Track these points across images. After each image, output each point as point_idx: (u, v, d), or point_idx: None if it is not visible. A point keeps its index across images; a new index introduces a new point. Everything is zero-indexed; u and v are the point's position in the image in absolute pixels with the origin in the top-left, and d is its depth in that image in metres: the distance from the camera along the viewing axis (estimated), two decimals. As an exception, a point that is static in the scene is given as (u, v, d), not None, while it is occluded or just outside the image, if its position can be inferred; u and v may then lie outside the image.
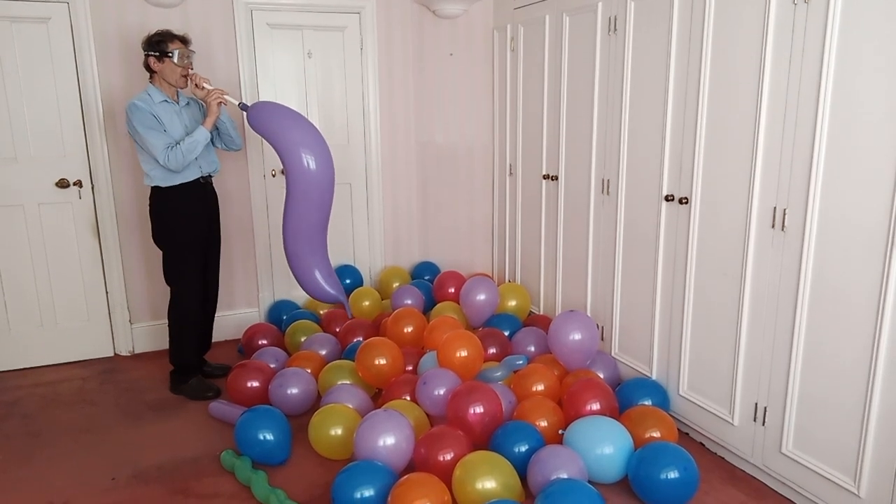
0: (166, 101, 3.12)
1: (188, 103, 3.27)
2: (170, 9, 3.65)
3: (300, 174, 3.12)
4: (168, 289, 3.30)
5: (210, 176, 3.31)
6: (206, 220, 3.33)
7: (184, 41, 3.13)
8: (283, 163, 3.17)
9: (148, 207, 3.23)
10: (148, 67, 3.11)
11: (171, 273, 3.25)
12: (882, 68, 1.91)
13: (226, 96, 3.18)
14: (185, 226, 3.20)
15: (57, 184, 3.60)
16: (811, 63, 2.10)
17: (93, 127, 3.61)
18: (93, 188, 3.68)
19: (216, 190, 3.42)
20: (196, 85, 3.17)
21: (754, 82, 2.32)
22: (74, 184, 3.63)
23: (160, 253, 3.28)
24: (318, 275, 3.25)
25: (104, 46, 3.58)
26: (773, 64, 2.24)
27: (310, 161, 3.10)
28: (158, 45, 3.06)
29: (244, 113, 3.24)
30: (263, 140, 3.33)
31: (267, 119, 3.15)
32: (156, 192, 3.16)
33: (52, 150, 3.57)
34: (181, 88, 3.19)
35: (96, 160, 3.65)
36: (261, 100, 3.51)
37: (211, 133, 3.19)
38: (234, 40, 3.83)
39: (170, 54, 3.06)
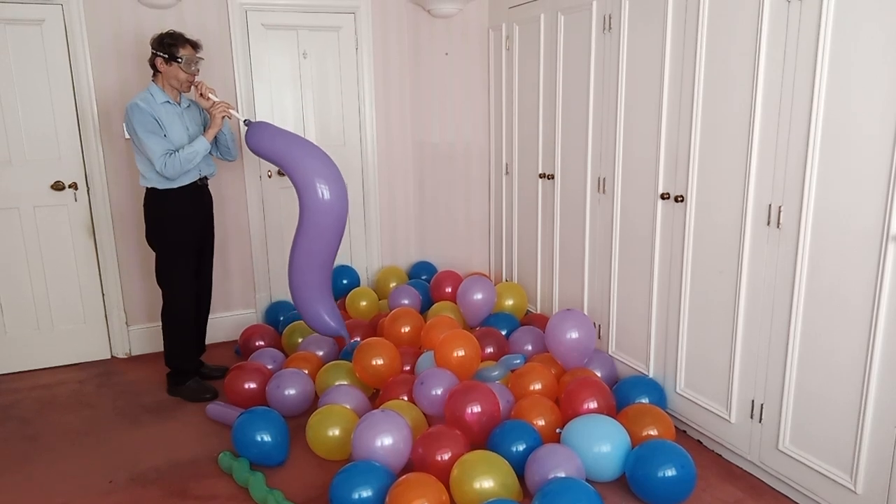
0: (168, 102, 3.10)
1: (189, 105, 3.25)
2: (164, 10, 3.64)
3: (314, 205, 3.04)
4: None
5: (207, 178, 3.30)
6: (201, 222, 3.32)
7: (195, 47, 3.10)
8: (297, 192, 3.10)
9: (143, 207, 3.22)
10: (153, 66, 3.09)
11: (164, 275, 3.24)
12: (876, 65, 1.91)
13: (230, 110, 3.16)
14: (179, 227, 3.18)
15: (52, 186, 3.59)
16: (805, 60, 2.11)
17: (88, 129, 3.60)
18: (88, 190, 3.67)
19: (212, 192, 3.41)
20: (201, 94, 3.14)
21: (749, 80, 2.32)
22: (70, 186, 3.63)
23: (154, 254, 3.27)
24: (321, 308, 3.23)
25: (99, 48, 3.57)
26: (768, 61, 2.25)
27: (325, 192, 3.03)
28: (169, 47, 3.02)
29: (246, 129, 3.17)
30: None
31: (277, 145, 3.06)
32: (151, 192, 3.15)
33: (47, 153, 3.57)
34: (184, 92, 3.18)
35: (91, 162, 3.64)
36: (262, 120, 3.39)
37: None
38: (229, 41, 3.82)
39: (179, 59, 3.03)
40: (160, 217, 3.17)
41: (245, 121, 3.17)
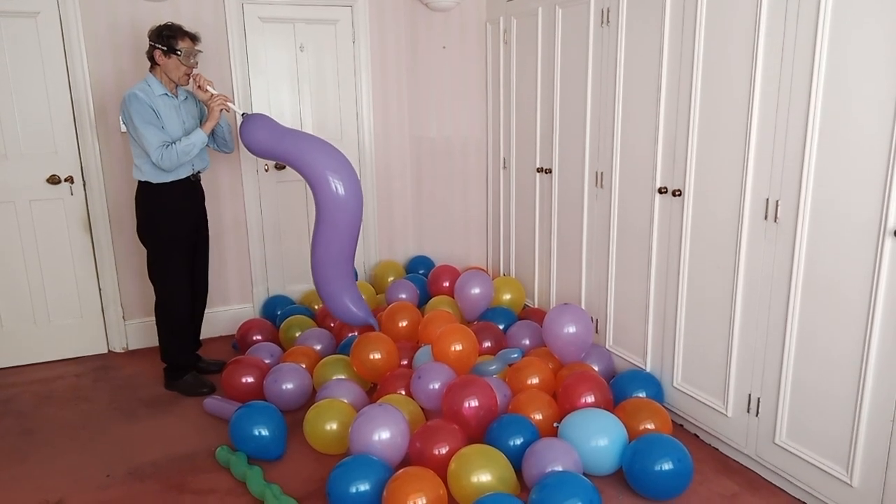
0: (166, 94, 3.08)
1: (186, 98, 3.23)
2: (160, 2, 3.62)
3: (329, 200, 3.03)
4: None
5: (199, 172, 3.29)
6: (194, 218, 3.30)
7: (194, 39, 3.08)
8: (311, 187, 3.09)
9: (134, 202, 3.20)
10: (151, 58, 3.06)
11: (156, 271, 3.22)
12: (874, 59, 1.91)
13: (228, 103, 3.13)
14: (172, 223, 3.17)
15: (48, 180, 3.58)
16: (803, 54, 2.10)
17: (83, 123, 3.59)
18: (84, 184, 3.66)
19: (205, 186, 3.39)
20: (199, 87, 3.12)
21: (747, 73, 2.32)
22: (66, 180, 3.61)
23: (149, 249, 3.25)
24: (347, 300, 3.23)
25: (94, 41, 3.55)
26: (766, 55, 2.24)
27: (338, 187, 3.01)
28: (168, 40, 3.00)
29: (241, 123, 3.14)
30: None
31: (279, 142, 3.03)
32: (144, 186, 3.12)
33: (43, 147, 3.55)
34: (182, 85, 3.16)
35: (87, 156, 3.62)
36: (258, 113, 3.31)
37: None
38: (226, 34, 3.80)
39: (178, 52, 3.01)
40: (153, 212, 3.15)
41: (243, 114, 3.15)
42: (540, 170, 3.78)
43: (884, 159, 1.90)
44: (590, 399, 2.65)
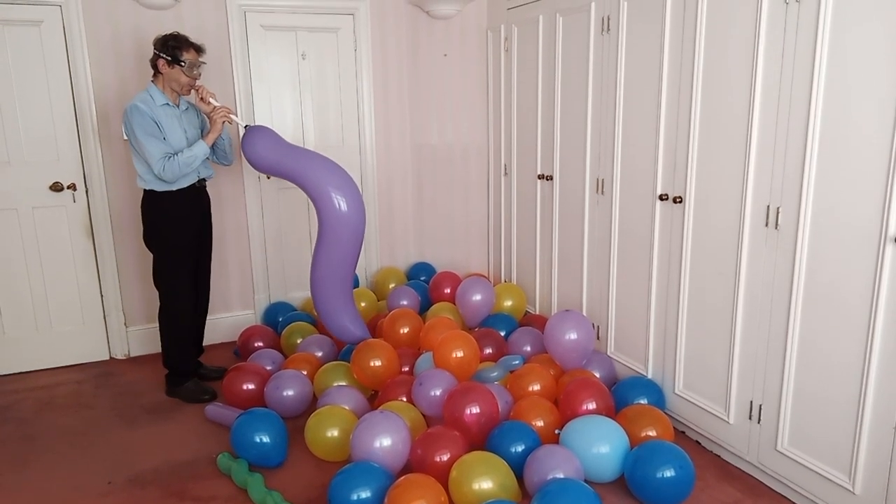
0: (167, 104, 3.09)
1: (188, 108, 3.24)
2: (163, 11, 3.64)
3: (332, 218, 3.03)
4: (161, 292, 3.29)
5: (205, 180, 3.30)
6: (199, 224, 3.31)
7: (199, 51, 3.10)
8: (314, 204, 3.10)
9: (140, 209, 3.21)
10: (154, 66, 3.07)
11: (162, 276, 3.23)
12: (874, 66, 1.91)
13: (231, 115, 3.14)
14: (177, 229, 3.18)
15: (51, 187, 3.59)
16: (803, 62, 2.11)
17: (86, 130, 3.60)
18: (87, 191, 3.67)
19: (210, 193, 3.41)
20: (202, 98, 3.13)
21: (747, 81, 2.32)
22: (68, 187, 3.62)
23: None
24: (345, 318, 3.23)
25: (97, 49, 3.57)
26: (766, 63, 2.25)
27: (342, 204, 3.02)
28: (173, 50, 3.01)
29: (242, 135, 3.15)
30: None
31: (282, 157, 3.04)
32: (149, 194, 3.14)
33: (46, 154, 3.56)
34: (184, 95, 3.17)
35: (90, 163, 3.64)
36: (260, 125, 3.29)
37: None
38: (228, 42, 3.82)
39: (182, 62, 3.02)
40: (158, 219, 3.16)
41: (245, 126, 3.16)
42: (541, 176, 3.79)
43: (884, 166, 1.90)
44: (591, 406, 2.65)
